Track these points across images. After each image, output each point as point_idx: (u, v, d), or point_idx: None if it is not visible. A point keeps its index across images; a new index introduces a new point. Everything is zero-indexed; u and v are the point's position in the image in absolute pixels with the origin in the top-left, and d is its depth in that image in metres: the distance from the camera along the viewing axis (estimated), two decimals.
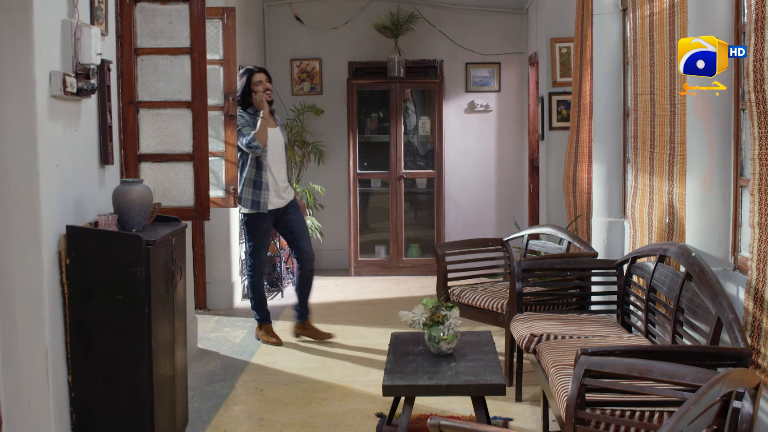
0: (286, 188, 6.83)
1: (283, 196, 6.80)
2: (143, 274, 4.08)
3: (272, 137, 6.68)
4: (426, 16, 9.95)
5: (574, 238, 6.02)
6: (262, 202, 6.61)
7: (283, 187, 6.79)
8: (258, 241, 6.78)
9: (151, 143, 5.09)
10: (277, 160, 6.74)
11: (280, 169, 6.77)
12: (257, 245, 6.80)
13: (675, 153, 4.96)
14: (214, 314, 7.84)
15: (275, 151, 6.73)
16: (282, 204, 6.79)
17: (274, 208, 6.73)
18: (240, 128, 6.47)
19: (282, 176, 6.79)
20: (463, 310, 5.96)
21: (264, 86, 6.65)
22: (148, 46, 5.06)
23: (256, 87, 6.62)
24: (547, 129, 8.49)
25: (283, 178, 6.81)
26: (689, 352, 3.49)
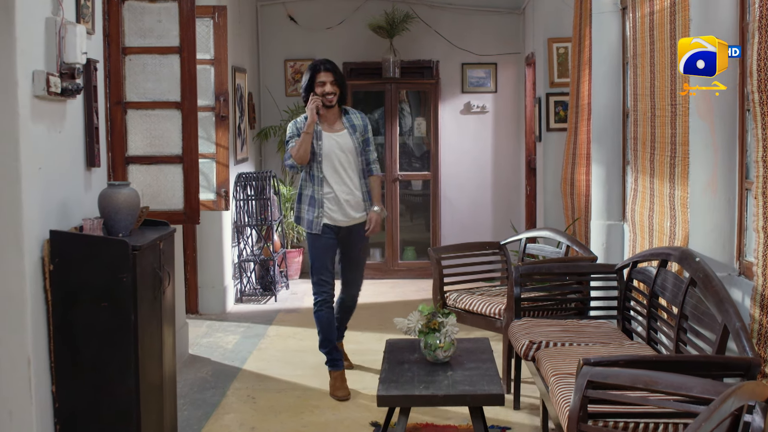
0: (354, 205, 5.73)
1: (351, 215, 5.72)
2: (129, 281, 3.95)
3: (329, 145, 5.64)
4: (421, 15, 9.82)
5: (572, 241, 5.90)
6: (315, 221, 5.66)
7: (347, 200, 5.70)
8: (314, 261, 5.75)
9: (139, 145, 4.96)
10: (339, 170, 5.68)
11: (344, 181, 5.70)
12: (313, 266, 5.76)
13: (676, 155, 4.83)
14: (206, 319, 7.71)
15: (335, 160, 5.67)
16: (343, 222, 5.73)
17: (335, 225, 5.71)
18: (287, 138, 5.73)
19: (346, 189, 5.70)
20: (459, 315, 5.84)
21: (324, 89, 5.63)
22: (136, 45, 4.93)
23: (317, 88, 5.67)
24: (544, 130, 8.37)
25: (349, 192, 5.71)
26: (695, 362, 3.36)
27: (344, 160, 5.71)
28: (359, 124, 5.81)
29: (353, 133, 5.75)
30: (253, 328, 7.35)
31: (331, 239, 5.72)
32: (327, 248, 5.73)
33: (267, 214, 8.59)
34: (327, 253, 5.73)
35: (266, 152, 9.99)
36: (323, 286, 5.73)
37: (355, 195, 5.72)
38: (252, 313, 7.96)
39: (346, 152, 5.71)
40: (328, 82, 5.64)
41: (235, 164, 8.46)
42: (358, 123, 5.81)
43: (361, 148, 5.75)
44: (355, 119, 5.82)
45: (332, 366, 5.71)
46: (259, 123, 9.88)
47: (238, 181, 8.52)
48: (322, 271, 5.72)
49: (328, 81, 5.65)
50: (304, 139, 5.56)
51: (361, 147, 5.76)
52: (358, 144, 5.74)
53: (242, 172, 8.67)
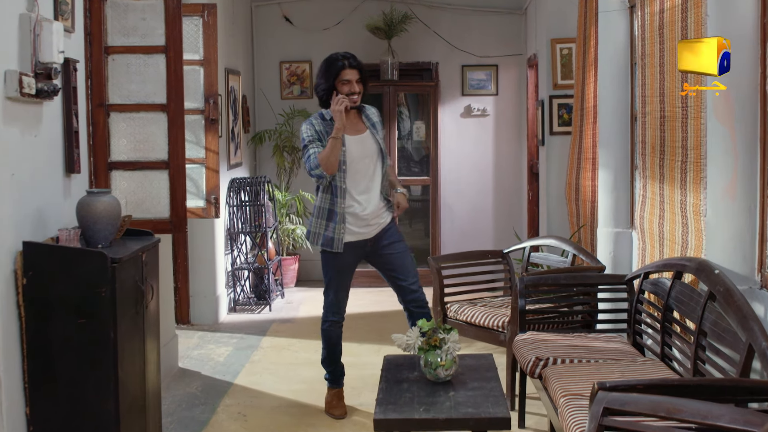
0: (377, 213, 5.16)
1: (372, 223, 5.15)
2: (108, 295, 3.69)
3: (354, 150, 5.05)
4: (420, 16, 9.58)
5: (579, 250, 5.64)
6: (336, 238, 5.08)
7: (371, 212, 5.12)
8: (329, 280, 5.27)
9: (123, 150, 4.71)
10: (362, 178, 5.09)
11: (367, 189, 5.11)
12: (327, 284, 5.29)
13: (688, 159, 4.58)
14: (198, 329, 7.44)
15: (359, 166, 5.08)
16: (368, 234, 5.16)
17: (356, 240, 5.16)
18: (304, 142, 5.09)
19: (369, 198, 5.11)
20: (461, 328, 5.58)
21: (351, 88, 5.06)
22: (119, 44, 4.68)
23: (341, 87, 5.07)
24: (547, 134, 8.13)
25: (372, 200, 5.12)
26: (721, 387, 3.09)
27: (369, 165, 5.11)
28: (377, 120, 5.25)
29: (376, 133, 5.17)
30: (246, 339, 7.09)
31: (351, 259, 5.19)
32: (345, 269, 5.23)
33: (261, 220, 8.32)
34: (345, 274, 5.25)
35: (261, 157, 9.73)
36: (335, 308, 5.31)
37: (377, 203, 5.14)
38: (245, 323, 7.70)
39: (371, 155, 5.11)
40: (354, 81, 5.07)
41: (229, 169, 8.20)
42: (376, 120, 5.24)
43: (383, 147, 5.21)
44: (373, 115, 5.23)
45: (332, 383, 5.40)
46: (254, 127, 9.62)
47: (232, 186, 8.26)
48: (338, 293, 5.27)
49: (354, 80, 5.07)
50: (333, 146, 4.90)
51: (382, 144, 5.21)
52: (381, 144, 5.17)
53: (236, 177, 8.41)
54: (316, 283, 9.54)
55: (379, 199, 5.15)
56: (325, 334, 5.37)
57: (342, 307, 5.34)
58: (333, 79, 5.06)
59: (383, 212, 5.19)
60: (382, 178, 5.16)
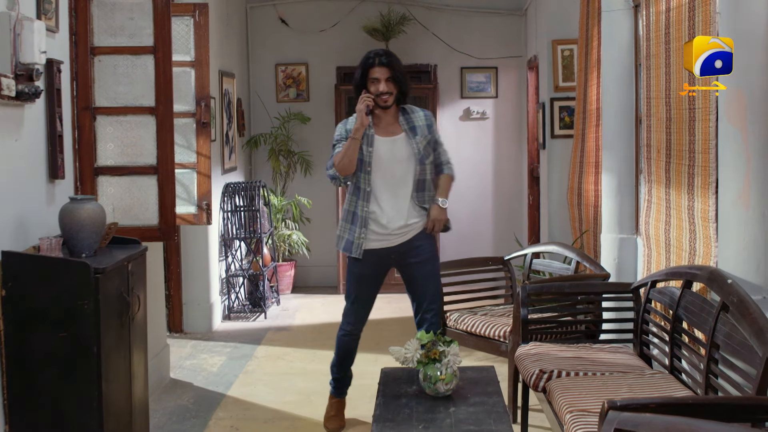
0: (402, 223, 4.80)
1: (394, 233, 4.81)
2: (91, 307, 3.52)
3: (383, 152, 4.78)
4: (418, 17, 9.40)
5: (583, 257, 5.47)
6: (356, 242, 4.79)
7: (393, 220, 4.78)
8: (348, 286, 4.98)
9: (110, 155, 4.53)
10: (389, 183, 4.78)
11: (394, 195, 4.79)
12: (347, 292, 5.00)
13: (695, 163, 4.41)
14: (191, 338, 7.25)
15: (388, 170, 4.78)
16: (389, 243, 4.83)
17: (378, 247, 4.84)
18: (333, 142, 4.89)
19: (394, 204, 4.78)
20: (460, 337, 5.41)
21: (378, 88, 4.74)
22: (106, 44, 4.50)
23: (369, 85, 4.78)
24: (548, 137, 7.95)
25: (399, 208, 4.79)
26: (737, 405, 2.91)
27: (399, 170, 4.78)
28: (421, 124, 4.86)
29: (412, 137, 4.79)
30: (240, 348, 6.91)
31: (372, 268, 4.87)
32: (365, 278, 4.90)
33: (256, 226, 8.14)
34: (365, 283, 4.92)
35: (256, 161, 9.55)
36: (350, 318, 5.01)
37: (407, 214, 4.80)
38: (240, 332, 7.52)
39: (402, 161, 4.78)
40: (383, 80, 4.72)
41: (223, 173, 8.03)
42: (420, 123, 4.86)
43: (422, 154, 4.79)
44: (417, 119, 4.87)
45: (335, 391, 5.16)
46: (249, 130, 9.45)
47: (226, 191, 8.08)
48: (355, 303, 4.97)
49: (383, 78, 4.72)
50: (350, 146, 4.66)
51: (424, 152, 4.81)
52: (418, 149, 4.78)
53: (230, 181, 8.23)
54: (312, 289, 9.38)
55: (408, 208, 4.81)
56: (338, 342, 5.12)
57: (359, 318, 5.01)
58: (363, 76, 4.81)
59: (413, 223, 4.83)
60: (416, 186, 4.81)
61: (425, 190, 4.85)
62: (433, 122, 4.98)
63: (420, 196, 4.82)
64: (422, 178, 4.83)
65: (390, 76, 4.74)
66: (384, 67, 4.75)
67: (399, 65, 4.83)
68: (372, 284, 4.96)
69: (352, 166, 4.73)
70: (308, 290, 9.34)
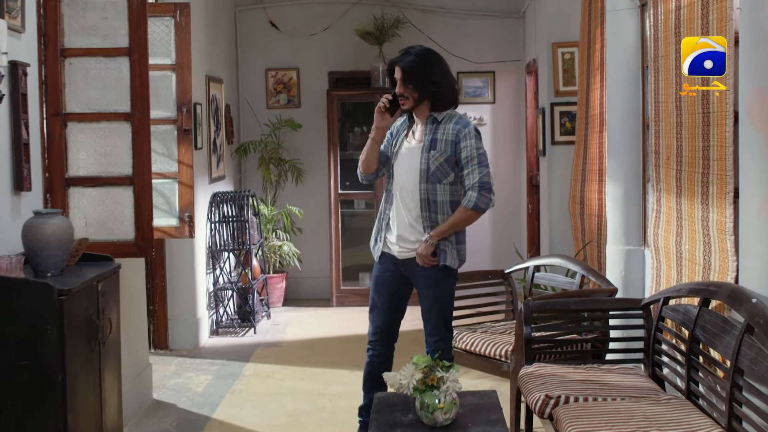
0: (403, 240, 4.48)
1: (399, 245, 4.50)
2: (55, 332, 3.21)
3: (402, 156, 4.50)
4: (413, 20, 9.10)
5: (588, 270, 5.17)
6: (376, 245, 4.60)
7: (399, 236, 4.48)
8: (371, 295, 4.68)
9: (82, 164, 4.22)
10: (403, 195, 4.47)
11: (405, 209, 4.47)
12: (371, 302, 4.69)
13: (710, 171, 4.11)
14: (177, 355, 6.93)
15: (401, 177, 4.50)
16: (403, 254, 4.50)
17: (389, 252, 4.56)
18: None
19: (402, 220, 4.47)
20: (459, 357, 5.10)
21: (400, 88, 4.45)
22: (77, 45, 4.21)
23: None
24: (548, 143, 7.66)
25: (404, 225, 4.47)
26: None
27: (409, 182, 4.45)
28: (444, 138, 4.40)
29: (428, 150, 4.39)
30: (227, 366, 6.59)
31: (387, 272, 4.56)
32: (379, 282, 4.59)
33: (245, 237, 7.82)
34: (379, 286, 4.59)
35: (246, 169, 9.24)
36: (372, 328, 4.65)
37: (405, 232, 4.48)
38: (228, 348, 7.19)
39: (412, 173, 4.44)
40: (399, 80, 4.43)
41: (210, 182, 7.72)
42: (442, 137, 4.40)
43: (431, 171, 4.37)
44: (442, 131, 4.43)
45: (362, 425, 4.65)
46: (238, 138, 9.14)
47: (214, 201, 7.77)
48: (373, 309, 4.65)
49: (399, 79, 4.43)
50: (367, 145, 4.53)
51: (437, 170, 4.38)
52: (426, 166, 4.38)
53: (218, 191, 7.92)
54: (304, 302, 9.08)
55: (410, 225, 4.46)
56: (365, 368, 4.65)
57: (380, 329, 4.61)
58: (390, 74, 4.53)
59: (416, 241, 4.46)
60: (423, 205, 4.42)
61: (437, 212, 4.42)
62: (467, 139, 4.42)
63: (428, 217, 4.42)
64: (432, 199, 4.41)
65: (403, 77, 4.41)
66: (398, 68, 4.44)
67: (416, 66, 4.41)
68: (387, 290, 4.58)
69: (371, 165, 4.57)
70: (300, 303, 9.03)
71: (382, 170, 4.64)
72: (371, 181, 4.69)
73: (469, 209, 4.40)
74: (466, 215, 4.42)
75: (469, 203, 4.39)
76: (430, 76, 4.42)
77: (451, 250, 4.45)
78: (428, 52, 4.51)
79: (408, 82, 4.41)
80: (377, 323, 4.62)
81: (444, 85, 4.47)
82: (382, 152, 4.62)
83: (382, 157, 4.61)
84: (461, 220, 4.43)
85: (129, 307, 5.33)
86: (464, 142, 4.41)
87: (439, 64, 4.51)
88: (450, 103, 4.52)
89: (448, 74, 4.54)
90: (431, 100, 4.46)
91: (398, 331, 4.67)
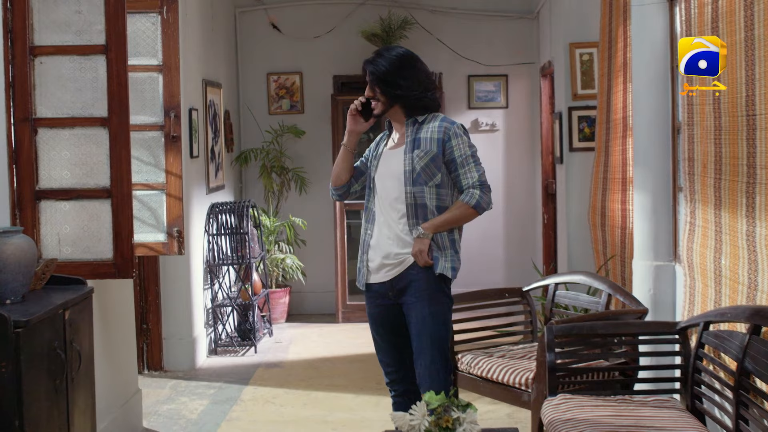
0: (388, 255, 4.02)
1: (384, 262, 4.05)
2: (10, 371, 2.78)
3: (381, 167, 4.11)
4: (422, 22, 8.69)
5: (616, 289, 4.72)
6: (359, 270, 4.18)
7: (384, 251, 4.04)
8: (372, 335, 4.23)
9: (54, 175, 3.81)
10: (386, 205, 4.06)
11: (388, 219, 4.05)
12: (374, 342, 4.24)
13: (756, 180, 3.67)
14: (172, 377, 6.50)
15: (382, 188, 4.08)
16: (382, 277, 4.07)
17: (376, 281, 4.10)
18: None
19: (379, 229, 4.07)
20: (474, 384, 4.67)
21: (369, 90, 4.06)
22: (49, 43, 3.81)
23: None
24: (566, 150, 7.24)
25: (382, 233, 4.04)
26: None
27: (393, 189, 4.03)
28: (428, 137, 4.00)
29: (411, 150, 4.00)
30: (225, 390, 6.15)
31: (377, 307, 4.11)
32: (374, 320, 4.15)
33: (245, 250, 7.38)
34: (376, 326, 4.14)
35: (247, 179, 8.84)
36: (383, 367, 4.21)
37: (392, 242, 4.02)
38: (227, 369, 6.76)
39: (394, 178, 4.03)
40: (368, 82, 4.05)
41: (208, 193, 7.31)
42: (427, 135, 4.01)
43: (417, 172, 3.96)
44: (425, 130, 4.03)
45: None
46: (239, 145, 8.73)
47: (212, 212, 7.35)
48: (378, 350, 4.20)
49: (368, 81, 4.05)
50: (339, 155, 4.18)
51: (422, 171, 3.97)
52: (411, 167, 3.97)
53: (217, 201, 7.50)
54: (309, 317, 8.66)
55: (397, 235, 4.02)
56: (392, 408, 4.21)
57: (392, 367, 4.16)
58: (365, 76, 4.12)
59: (404, 253, 4.00)
60: (410, 211, 3.99)
61: (426, 219, 3.99)
62: (454, 137, 4.02)
63: (416, 224, 3.99)
64: (420, 203, 3.99)
65: (370, 80, 4.03)
66: (365, 71, 4.07)
67: (384, 68, 4.00)
68: (384, 327, 4.13)
69: (341, 175, 4.20)
70: (304, 318, 8.61)
71: (354, 186, 4.22)
72: (341, 196, 4.26)
73: (470, 206, 3.99)
74: (467, 212, 4.01)
75: (472, 199, 3.98)
76: (399, 81, 4.01)
77: (444, 257, 4.04)
78: (403, 56, 4.08)
79: (375, 85, 4.02)
80: (386, 361, 4.16)
81: (414, 93, 4.04)
82: (357, 167, 4.22)
83: (357, 171, 4.21)
84: (458, 217, 4.02)
85: (116, 329, 4.93)
86: (455, 140, 4.02)
87: (413, 70, 4.07)
88: (425, 108, 4.10)
89: (423, 81, 4.10)
90: (403, 106, 4.07)
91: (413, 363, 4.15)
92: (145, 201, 4.56)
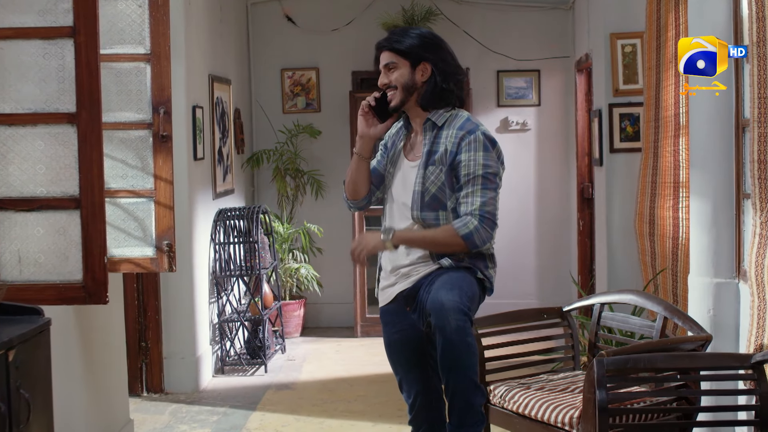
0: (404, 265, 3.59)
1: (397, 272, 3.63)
2: None
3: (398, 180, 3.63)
4: (447, 13, 8.13)
5: (673, 312, 4.09)
6: (376, 289, 3.85)
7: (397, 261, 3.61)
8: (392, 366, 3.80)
9: (13, 181, 3.24)
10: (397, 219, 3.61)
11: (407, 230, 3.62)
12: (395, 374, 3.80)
13: None
14: (173, 400, 5.93)
15: (397, 203, 3.61)
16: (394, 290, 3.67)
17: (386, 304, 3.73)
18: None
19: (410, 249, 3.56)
20: (509, 421, 4.05)
21: (382, 78, 3.59)
22: (6, 25, 3.25)
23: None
24: (606, 151, 6.67)
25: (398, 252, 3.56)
26: None
27: (404, 203, 3.57)
28: (442, 149, 3.48)
29: (424, 166, 3.50)
30: (229, 417, 5.57)
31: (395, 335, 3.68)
32: (392, 349, 3.71)
33: (255, 260, 6.81)
34: (394, 354, 3.71)
35: (259, 182, 8.30)
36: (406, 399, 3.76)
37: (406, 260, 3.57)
38: (233, 391, 6.19)
39: (407, 190, 3.56)
40: (383, 67, 3.55)
41: (215, 198, 6.77)
42: (441, 148, 3.48)
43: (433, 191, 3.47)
44: (444, 138, 3.50)
45: None
46: (250, 146, 8.20)
47: (218, 219, 6.78)
48: (396, 375, 3.75)
49: (383, 64, 3.55)
50: (352, 163, 3.67)
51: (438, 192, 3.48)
52: (422, 186, 3.48)
53: (225, 207, 6.94)
54: (325, 331, 8.11)
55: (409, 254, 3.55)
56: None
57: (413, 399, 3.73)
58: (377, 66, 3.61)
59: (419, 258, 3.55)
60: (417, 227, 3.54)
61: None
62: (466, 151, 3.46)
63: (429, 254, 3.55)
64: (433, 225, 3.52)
65: (389, 62, 3.50)
66: (383, 50, 3.53)
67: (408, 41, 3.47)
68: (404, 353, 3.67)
69: (359, 188, 3.66)
70: (320, 332, 8.05)
71: (376, 194, 3.71)
72: (361, 208, 3.76)
73: (458, 235, 3.42)
74: (452, 241, 3.44)
75: (464, 228, 3.42)
76: (423, 54, 3.48)
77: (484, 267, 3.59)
78: (425, 33, 3.58)
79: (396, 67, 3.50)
80: (410, 394, 3.69)
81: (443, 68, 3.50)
82: (376, 170, 3.68)
83: (376, 176, 3.67)
84: (438, 241, 3.48)
85: (101, 352, 4.39)
86: (466, 153, 3.45)
87: (439, 49, 3.55)
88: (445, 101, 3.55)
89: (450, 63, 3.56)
90: (419, 95, 3.52)
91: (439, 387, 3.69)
92: (130, 210, 3.99)
